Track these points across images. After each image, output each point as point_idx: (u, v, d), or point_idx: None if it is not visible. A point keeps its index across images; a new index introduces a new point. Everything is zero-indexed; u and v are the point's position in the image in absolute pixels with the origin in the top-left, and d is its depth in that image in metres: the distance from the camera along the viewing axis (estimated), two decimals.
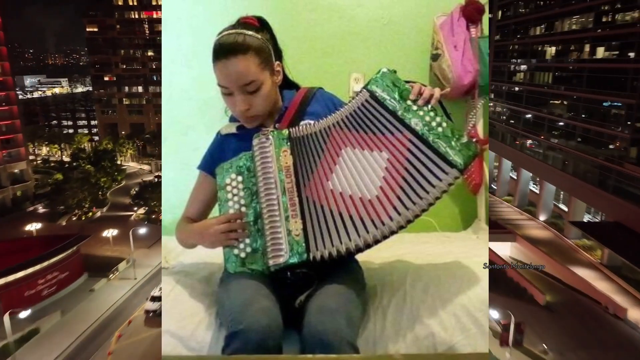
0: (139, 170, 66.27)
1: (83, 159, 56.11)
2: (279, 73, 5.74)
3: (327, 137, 5.33)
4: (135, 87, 76.53)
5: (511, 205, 40.04)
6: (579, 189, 31.85)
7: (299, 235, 5.13)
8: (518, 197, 39.77)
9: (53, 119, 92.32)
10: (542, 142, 37.24)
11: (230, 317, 4.75)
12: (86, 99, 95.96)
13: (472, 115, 10.40)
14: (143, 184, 51.68)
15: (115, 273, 31.54)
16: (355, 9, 10.49)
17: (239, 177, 5.49)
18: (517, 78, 42.18)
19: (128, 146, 69.44)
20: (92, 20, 74.65)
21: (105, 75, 76.87)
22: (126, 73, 76.02)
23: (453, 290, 5.74)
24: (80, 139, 73.09)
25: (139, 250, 34.60)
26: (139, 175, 61.98)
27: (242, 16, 5.69)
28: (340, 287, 5.09)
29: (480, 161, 10.25)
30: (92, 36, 75.03)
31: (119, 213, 46.24)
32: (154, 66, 75.55)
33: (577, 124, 32.47)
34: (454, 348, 5.24)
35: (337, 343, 4.47)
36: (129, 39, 74.77)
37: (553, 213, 35.91)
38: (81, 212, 44.10)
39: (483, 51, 10.35)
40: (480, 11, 10.28)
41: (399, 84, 5.19)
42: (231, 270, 5.40)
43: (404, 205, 4.93)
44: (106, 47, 74.96)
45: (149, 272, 32.61)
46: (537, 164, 37.56)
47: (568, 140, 33.71)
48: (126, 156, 70.28)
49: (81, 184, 45.97)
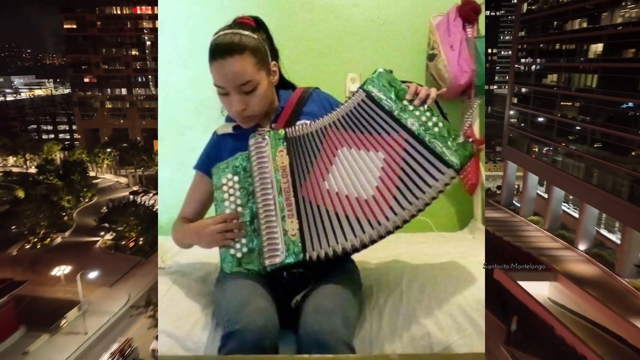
0: (115, 184, 59.25)
1: (50, 171, 48.54)
2: (275, 73, 5.74)
3: (323, 137, 5.33)
4: (118, 90, 70.54)
5: (540, 228, 32.56)
6: (622, 209, 24.71)
7: (295, 235, 5.13)
8: (549, 218, 32.02)
9: (30, 124, 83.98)
10: (562, 150, 30.69)
11: (227, 317, 4.74)
12: (67, 102, 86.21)
13: (469, 115, 10.42)
14: (111, 205, 43.38)
15: (62, 325, 25.03)
16: (351, 9, 10.50)
17: (235, 177, 5.49)
18: (549, 80, 33.86)
19: (104, 156, 61.41)
20: (70, 16, 68.01)
21: (85, 76, 70.22)
22: (108, 74, 69.87)
23: (449, 290, 5.75)
24: (50, 147, 63.69)
25: (99, 290, 28.91)
26: (114, 190, 55.65)
27: (239, 16, 5.69)
28: (336, 287, 5.09)
29: (477, 161, 10.27)
30: (71, 34, 68.52)
31: (83, 239, 39.28)
32: (138, 66, 69.60)
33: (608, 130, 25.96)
34: (450, 348, 5.24)
35: (334, 343, 4.47)
36: (111, 36, 68.83)
37: (595, 241, 28.46)
38: (36, 238, 37.40)
39: (479, 51, 10.37)
40: (477, 11, 10.30)
41: (395, 84, 5.19)
42: (227, 270, 5.40)
43: (400, 205, 4.94)
44: (86, 45, 68.42)
45: (106, 323, 25.94)
46: (569, 179, 29.80)
47: (590, 147, 27.82)
48: (102, 167, 62.93)
49: (38, 204, 38.98)
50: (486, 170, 57.56)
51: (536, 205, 35.32)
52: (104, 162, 61.88)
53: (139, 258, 35.98)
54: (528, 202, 35.50)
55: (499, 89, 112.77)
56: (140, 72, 70.00)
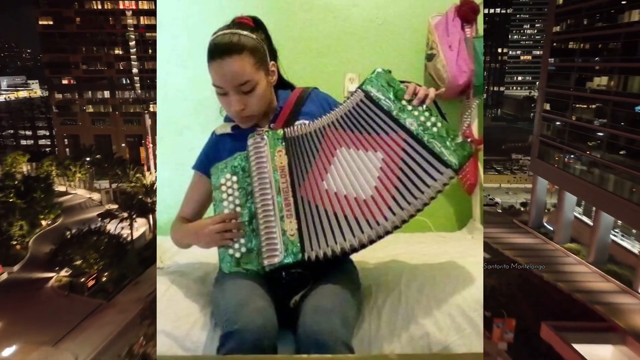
0: (87, 201, 49.50)
1: (10, 187, 40.11)
2: (274, 73, 5.74)
3: (322, 137, 5.33)
4: (100, 92, 63.99)
5: (583, 261, 26.65)
6: None
7: (294, 235, 5.13)
8: (595, 249, 26.04)
9: (6, 129, 75.27)
10: (611, 166, 25.07)
11: (225, 317, 4.74)
12: (46, 105, 75.21)
13: (467, 115, 10.43)
14: (68, 234, 32.97)
15: None
16: (350, 9, 10.50)
17: (234, 177, 5.49)
18: (594, 84, 28.00)
19: (75, 168, 52.16)
20: (46, 11, 61.08)
21: (64, 77, 63.37)
22: (88, 75, 63.34)
23: (448, 290, 5.75)
24: (14, 159, 54.20)
25: (37, 353, 21.61)
26: (84, 209, 46.35)
27: (237, 16, 5.69)
28: (335, 287, 5.09)
29: (475, 161, 10.28)
30: (46, 31, 61.56)
31: (35, 274, 31.18)
32: (121, 67, 63.37)
33: None
34: (449, 348, 5.25)
35: (332, 343, 4.47)
36: (91, 34, 62.23)
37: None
38: None
39: (478, 51, 10.38)
40: (475, 11, 10.31)
41: (393, 83, 5.20)
42: (226, 270, 5.40)
43: (399, 205, 4.94)
44: (64, 44, 61.89)
45: None
46: (620, 203, 23.89)
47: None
48: (74, 181, 53.62)
49: None
50: (505, 182, 54.46)
51: (574, 230, 30.49)
52: (76, 175, 52.61)
53: (99, 301, 28.28)
54: (565, 227, 30.18)
55: (509, 90, 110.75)
56: (124, 72, 63.83)
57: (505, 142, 68.15)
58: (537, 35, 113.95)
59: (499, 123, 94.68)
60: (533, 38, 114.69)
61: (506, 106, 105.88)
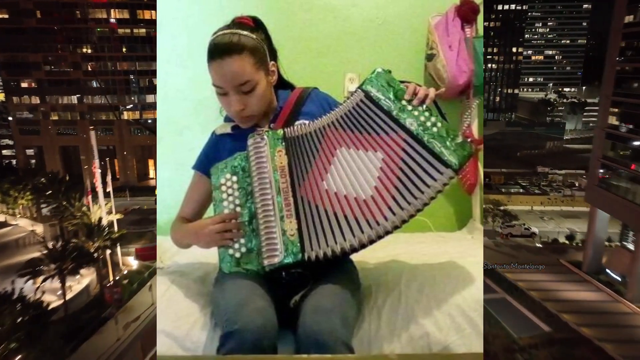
0: (28, 236, 38.44)
1: None
2: (273, 73, 5.74)
3: (322, 137, 5.33)
4: (66, 98, 54.12)
5: None
6: None
7: (294, 235, 5.13)
8: None
9: None
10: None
11: (225, 317, 4.74)
12: (7, 111, 60.01)
13: (467, 115, 10.43)
14: None
15: None
16: (350, 9, 10.50)
17: (234, 177, 5.49)
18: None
19: (15, 194, 39.78)
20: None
21: (23, 80, 53.42)
22: (52, 77, 53.49)
23: (448, 290, 5.75)
24: None
25: None
26: (23, 247, 35.70)
27: (237, 16, 5.69)
28: (335, 287, 5.09)
29: (475, 161, 10.29)
30: (1, 26, 51.81)
31: None
32: (89, 67, 54.01)
33: None
34: (449, 348, 5.25)
35: (332, 343, 4.48)
36: (54, 30, 51.83)
37: None
38: None
39: (478, 51, 10.39)
40: (475, 11, 10.31)
41: (393, 83, 5.20)
42: (226, 270, 5.40)
43: (399, 206, 4.94)
44: (22, 41, 51.55)
45: None
46: None
47: None
48: (16, 209, 42.06)
49: None
50: (538, 203, 44.97)
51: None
52: (18, 202, 40.45)
53: None
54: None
55: (525, 92, 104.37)
56: (92, 75, 54.04)
57: (519, 148, 63.50)
58: (549, 34, 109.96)
59: (514, 128, 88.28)
60: (545, 37, 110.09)
61: (520, 110, 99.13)
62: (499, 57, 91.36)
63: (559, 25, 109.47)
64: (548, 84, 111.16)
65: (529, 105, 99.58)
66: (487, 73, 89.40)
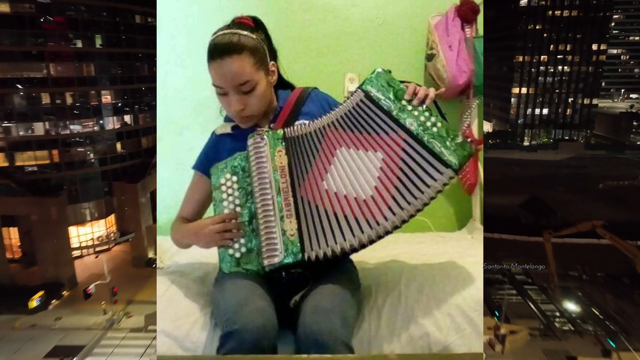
0: None
1: None
2: (273, 73, 5.74)
3: (321, 137, 5.33)
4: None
5: None
6: None
7: (294, 235, 5.13)
8: None
9: None
10: None
11: (225, 317, 4.74)
12: None
13: (467, 115, 10.43)
14: None
15: None
16: (350, 9, 10.50)
17: (234, 177, 5.49)
18: None
19: None
20: None
21: None
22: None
23: (448, 290, 5.75)
24: None
25: None
26: None
27: (237, 16, 5.69)
28: (335, 287, 5.09)
29: (475, 161, 10.29)
30: None
31: None
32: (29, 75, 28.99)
33: None
34: (449, 348, 5.25)
35: (332, 343, 4.48)
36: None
37: None
38: None
39: (478, 51, 10.38)
40: (475, 11, 10.31)
41: (393, 84, 5.20)
42: (226, 270, 5.39)
43: (399, 205, 4.94)
44: None
45: None
46: None
47: None
48: None
49: None
50: None
51: None
52: None
53: None
54: None
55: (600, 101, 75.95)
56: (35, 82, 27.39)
57: (604, 178, 43.61)
58: (614, 29, 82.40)
59: (595, 152, 61.98)
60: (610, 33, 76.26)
61: (598, 126, 71.13)
62: (573, 57, 65.67)
63: (626, 18, 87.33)
64: (620, 90, 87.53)
65: (608, 120, 73.53)
66: (556, 78, 66.16)
